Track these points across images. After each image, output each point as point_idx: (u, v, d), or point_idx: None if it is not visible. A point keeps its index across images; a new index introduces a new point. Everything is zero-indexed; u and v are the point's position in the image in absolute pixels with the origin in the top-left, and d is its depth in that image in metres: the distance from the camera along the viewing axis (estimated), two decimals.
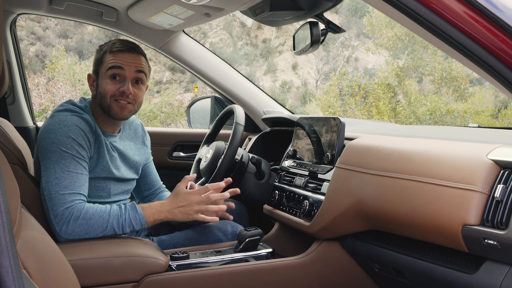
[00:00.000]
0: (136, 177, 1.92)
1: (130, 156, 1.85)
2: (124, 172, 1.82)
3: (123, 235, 1.64)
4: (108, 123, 1.77)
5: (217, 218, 1.75)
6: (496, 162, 1.19)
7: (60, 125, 1.63)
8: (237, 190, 1.83)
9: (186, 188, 1.75)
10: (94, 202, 1.69)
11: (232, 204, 1.86)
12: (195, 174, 1.81)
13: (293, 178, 1.96)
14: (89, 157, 1.68)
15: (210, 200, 1.72)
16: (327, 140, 1.79)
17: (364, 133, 1.80)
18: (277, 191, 2.01)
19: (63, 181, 1.58)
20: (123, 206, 1.63)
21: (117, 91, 1.70)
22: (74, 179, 1.59)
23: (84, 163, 1.64)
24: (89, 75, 1.79)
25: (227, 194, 1.77)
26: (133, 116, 1.89)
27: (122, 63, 1.70)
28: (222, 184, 1.78)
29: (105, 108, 1.72)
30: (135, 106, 1.75)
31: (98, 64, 1.75)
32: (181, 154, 2.71)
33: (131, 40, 1.89)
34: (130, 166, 1.86)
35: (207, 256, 1.72)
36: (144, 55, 1.78)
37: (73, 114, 1.67)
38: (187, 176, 1.78)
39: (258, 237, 1.79)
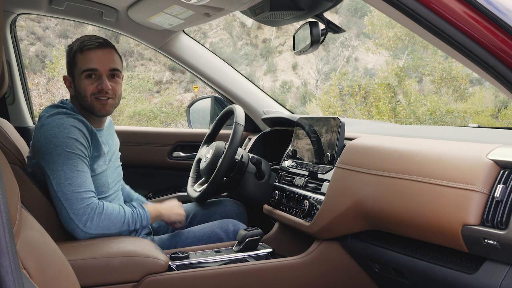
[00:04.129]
0: (121, 163, 1.96)
1: (114, 145, 1.91)
2: (115, 162, 1.88)
3: (124, 234, 1.66)
4: (95, 119, 1.79)
5: None
6: (496, 162, 1.19)
7: (59, 128, 1.64)
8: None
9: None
10: (98, 199, 1.71)
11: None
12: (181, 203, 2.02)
13: (293, 178, 1.96)
14: (89, 156, 1.69)
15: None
16: (327, 140, 1.79)
17: (364, 133, 1.80)
18: (277, 191, 2.01)
19: (75, 180, 1.61)
20: (133, 204, 1.77)
21: (95, 89, 1.72)
22: (84, 177, 1.63)
23: (87, 161, 1.68)
24: (64, 77, 1.80)
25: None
26: None
27: (95, 64, 1.71)
28: None
29: (87, 107, 1.75)
30: (115, 100, 1.78)
31: (71, 66, 1.76)
32: (181, 154, 2.70)
33: (131, 39, 1.89)
34: (116, 156, 1.92)
35: (207, 256, 1.72)
36: (114, 47, 1.79)
37: (68, 116, 1.68)
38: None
39: (258, 237, 1.79)
